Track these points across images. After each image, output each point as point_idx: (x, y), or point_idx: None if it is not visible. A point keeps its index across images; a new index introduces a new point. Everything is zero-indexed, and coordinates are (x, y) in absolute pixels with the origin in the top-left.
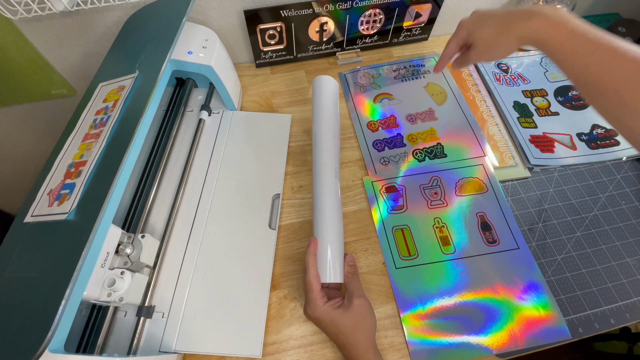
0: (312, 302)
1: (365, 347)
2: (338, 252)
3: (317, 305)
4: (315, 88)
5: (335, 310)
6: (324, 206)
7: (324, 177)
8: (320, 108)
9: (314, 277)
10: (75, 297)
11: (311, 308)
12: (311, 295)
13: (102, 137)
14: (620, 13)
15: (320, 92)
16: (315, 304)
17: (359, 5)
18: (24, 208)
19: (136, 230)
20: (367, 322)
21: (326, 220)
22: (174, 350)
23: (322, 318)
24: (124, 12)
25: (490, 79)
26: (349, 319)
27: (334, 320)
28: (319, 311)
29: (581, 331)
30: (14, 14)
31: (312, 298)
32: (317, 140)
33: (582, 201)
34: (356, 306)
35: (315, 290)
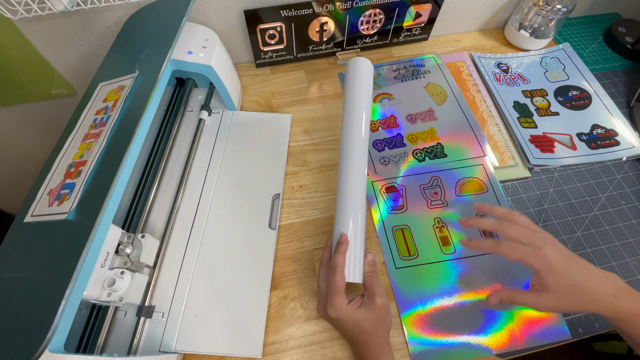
0: (336, 304)
1: (385, 344)
2: (361, 250)
3: (341, 307)
4: (350, 70)
5: (358, 310)
6: (352, 201)
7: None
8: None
9: (341, 279)
10: (75, 297)
11: (334, 309)
12: (335, 298)
13: (102, 137)
14: (620, 13)
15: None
16: (339, 306)
17: (359, 5)
18: (24, 208)
19: (136, 230)
20: (388, 320)
21: (355, 217)
22: (174, 350)
23: (345, 319)
24: (124, 12)
25: (490, 79)
26: (372, 319)
27: (356, 321)
28: (341, 312)
29: (581, 331)
30: (14, 14)
31: (336, 300)
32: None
33: (582, 201)
34: (379, 305)
35: (341, 293)
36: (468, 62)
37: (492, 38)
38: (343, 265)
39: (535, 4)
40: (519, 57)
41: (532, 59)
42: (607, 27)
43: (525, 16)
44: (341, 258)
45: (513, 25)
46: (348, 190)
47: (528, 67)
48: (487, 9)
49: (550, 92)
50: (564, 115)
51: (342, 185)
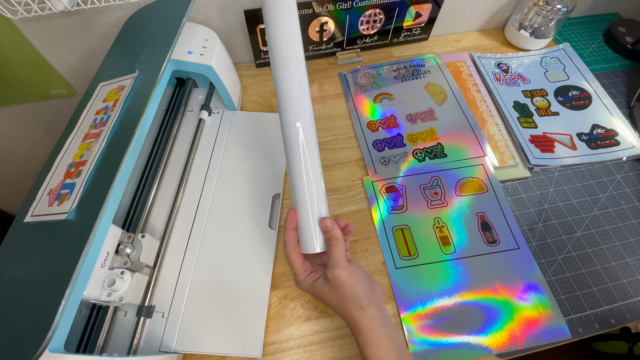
0: (295, 279)
1: (360, 319)
2: (314, 220)
3: (299, 280)
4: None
5: (315, 283)
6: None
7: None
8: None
9: (292, 253)
10: (75, 297)
11: (297, 282)
12: (293, 271)
13: (102, 136)
14: (620, 13)
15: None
16: (297, 279)
17: (359, 5)
18: (24, 208)
19: (136, 230)
20: (348, 294)
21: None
22: (174, 350)
23: (308, 292)
24: (124, 12)
25: (490, 79)
26: (330, 292)
27: (316, 294)
28: (302, 286)
29: (581, 331)
30: (14, 14)
31: (294, 273)
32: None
33: (582, 201)
34: (330, 278)
35: (296, 265)
36: (468, 62)
37: (492, 38)
38: (289, 240)
39: (535, 4)
40: (519, 57)
41: (532, 59)
42: (607, 27)
43: (525, 16)
44: (288, 232)
45: (513, 25)
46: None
47: (528, 67)
48: (487, 9)
49: (550, 92)
50: (564, 115)
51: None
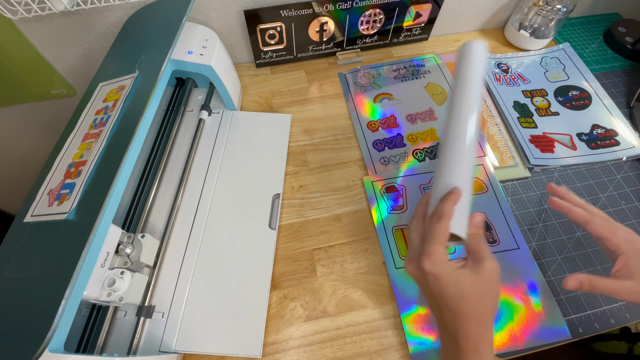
0: (435, 255)
1: (490, 322)
2: (467, 208)
3: (441, 260)
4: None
5: (461, 270)
6: (462, 149)
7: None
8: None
9: (446, 229)
10: (75, 297)
11: (432, 262)
12: (434, 248)
13: (102, 137)
14: (620, 13)
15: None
16: (438, 258)
17: (359, 5)
18: (24, 208)
19: (136, 230)
20: (496, 293)
21: (465, 169)
22: (174, 350)
23: (444, 277)
24: (124, 12)
25: (490, 79)
26: (479, 285)
27: (459, 282)
28: (441, 266)
29: (581, 331)
30: (14, 14)
31: (434, 251)
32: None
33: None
34: (488, 270)
35: (441, 242)
36: None
37: (492, 38)
38: (451, 214)
39: (535, 4)
40: (519, 57)
41: (532, 59)
42: (607, 27)
43: (525, 16)
44: (450, 207)
45: (513, 25)
46: (458, 139)
47: (528, 67)
48: (487, 9)
49: (550, 92)
50: (564, 115)
51: (453, 132)
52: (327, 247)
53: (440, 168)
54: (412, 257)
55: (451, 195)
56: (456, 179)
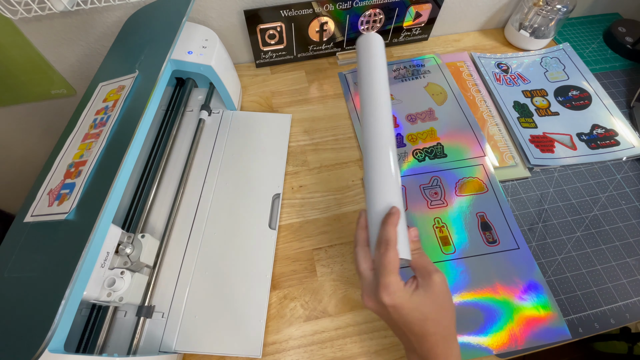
0: (393, 287)
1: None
2: (405, 226)
3: (398, 290)
4: (362, 46)
5: (417, 293)
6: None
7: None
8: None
9: (395, 255)
10: (75, 297)
11: (390, 294)
12: (390, 279)
13: (102, 136)
14: (620, 13)
15: (368, 50)
16: (396, 289)
17: (359, 5)
18: (24, 208)
19: (136, 230)
20: (450, 299)
21: (396, 187)
22: (174, 350)
23: (405, 305)
24: (124, 12)
25: (490, 79)
26: (434, 300)
27: (418, 306)
28: (399, 297)
29: (581, 331)
30: (14, 14)
31: (391, 282)
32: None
33: (582, 201)
34: (438, 283)
35: (395, 272)
36: (468, 62)
37: (492, 38)
38: (396, 239)
39: (535, 4)
40: (519, 57)
41: (532, 59)
42: (607, 27)
43: (525, 16)
44: (393, 231)
45: (513, 25)
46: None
47: (528, 67)
48: (487, 9)
49: (550, 92)
50: (564, 115)
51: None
52: (327, 247)
53: (370, 187)
54: (368, 291)
55: (391, 217)
56: (389, 196)
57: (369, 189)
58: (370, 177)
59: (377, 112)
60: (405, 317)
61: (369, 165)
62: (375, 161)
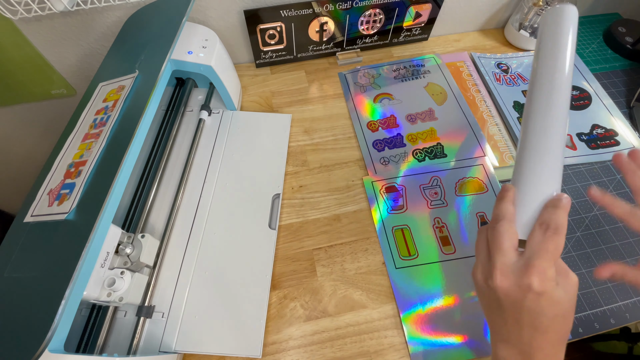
0: (547, 273)
1: (567, 336)
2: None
3: (550, 278)
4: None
5: (557, 287)
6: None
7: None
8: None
9: (560, 243)
10: (75, 297)
11: (542, 280)
12: (547, 265)
13: (102, 136)
14: (620, 13)
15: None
16: (549, 276)
17: (359, 5)
18: (24, 208)
19: (136, 230)
20: (574, 307)
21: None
22: (174, 350)
23: (552, 295)
24: (124, 12)
25: (490, 79)
26: (569, 299)
27: (560, 300)
28: (549, 286)
29: (581, 331)
30: (14, 14)
31: (547, 268)
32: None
33: (582, 201)
34: (573, 284)
35: (555, 260)
36: (468, 62)
37: (492, 38)
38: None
39: (535, 4)
40: (519, 57)
41: (532, 59)
42: (607, 27)
43: (525, 16)
44: (565, 217)
45: (513, 25)
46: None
47: (528, 67)
48: (487, 9)
49: None
50: None
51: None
52: (327, 247)
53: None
54: (507, 270)
55: (565, 204)
56: (555, 181)
57: (528, 162)
58: (537, 155)
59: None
60: (542, 308)
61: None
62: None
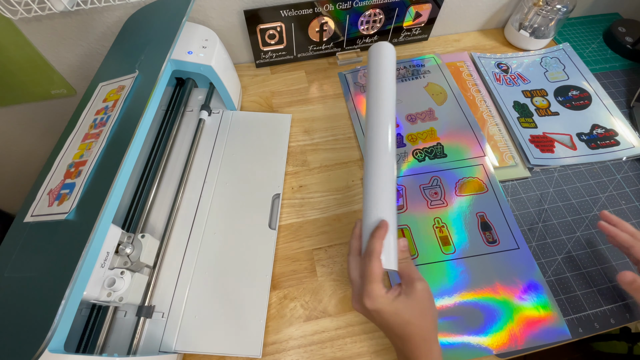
0: (374, 293)
1: (434, 338)
2: (395, 237)
3: (379, 296)
4: (373, 55)
5: (398, 299)
6: (384, 182)
7: (381, 149)
8: (379, 76)
9: (379, 266)
10: (75, 297)
11: (372, 299)
12: (373, 286)
13: (102, 136)
14: (620, 13)
15: (378, 59)
16: (377, 295)
17: (359, 5)
18: (24, 208)
19: (136, 230)
20: (432, 308)
21: (388, 200)
22: (174, 350)
23: (384, 309)
24: (124, 12)
25: (490, 79)
26: (415, 307)
27: (398, 311)
28: (380, 302)
29: (581, 331)
30: (14, 14)
31: (373, 289)
32: (374, 110)
33: (582, 201)
34: (420, 290)
35: (378, 281)
36: (468, 62)
37: (492, 38)
38: (380, 250)
39: (535, 4)
40: (519, 57)
41: (532, 59)
42: (607, 27)
43: (525, 16)
44: (379, 243)
45: (513, 25)
46: (379, 173)
47: (528, 67)
48: (487, 9)
49: (550, 92)
50: (564, 115)
51: (372, 167)
52: (327, 247)
53: (366, 200)
54: (356, 294)
55: (379, 231)
56: (380, 209)
57: (365, 201)
58: (367, 189)
59: (382, 127)
60: (387, 321)
61: (367, 177)
62: (373, 175)
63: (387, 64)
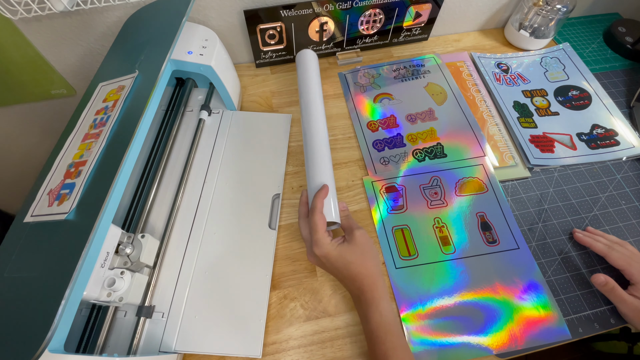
0: (320, 241)
1: (377, 274)
2: (335, 198)
3: (325, 243)
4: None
5: (341, 245)
6: (321, 151)
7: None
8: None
9: (321, 218)
10: (75, 297)
11: (319, 247)
12: (317, 236)
13: (102, 137)
14: (620, 13)
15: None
16: (322, 242)
17: (359, 5)
18: (24, 208)
19: (136, 230)
20: (372, 249)
21: (326, 168)
22: (174, 350)
23: (331, 254)
24: (124, 12)
25: (490, 79)
26: (356, 249)
27: (342, 254)
28: (326, 248)
29: (581, 331)
30: (14, 14)
31: (318, 238)
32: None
33: (582, 201)
34: (358, 236)
35: (321, 230)
36: (468, 62)
37: (492, 38)
38: (322, 207)
39: (535, 4)
40: (519, 57)
41: (532, 59)
42: (607, 27)
43: (525, 16)
44: (320, 201)
45: (513, 25)
46: (315, 148)
47: (528, 67)
48: (487, 9)
49: (550, 92)
50: (564, 115)
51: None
52: None
53: (308, 171)
54: (308, 249)
55: (320, 192)
56: (321, 176)
57: (307, 173)
58: (307, 162)
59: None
60: (334, 264)
61: (307, 153)
62: (310, 150)
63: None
